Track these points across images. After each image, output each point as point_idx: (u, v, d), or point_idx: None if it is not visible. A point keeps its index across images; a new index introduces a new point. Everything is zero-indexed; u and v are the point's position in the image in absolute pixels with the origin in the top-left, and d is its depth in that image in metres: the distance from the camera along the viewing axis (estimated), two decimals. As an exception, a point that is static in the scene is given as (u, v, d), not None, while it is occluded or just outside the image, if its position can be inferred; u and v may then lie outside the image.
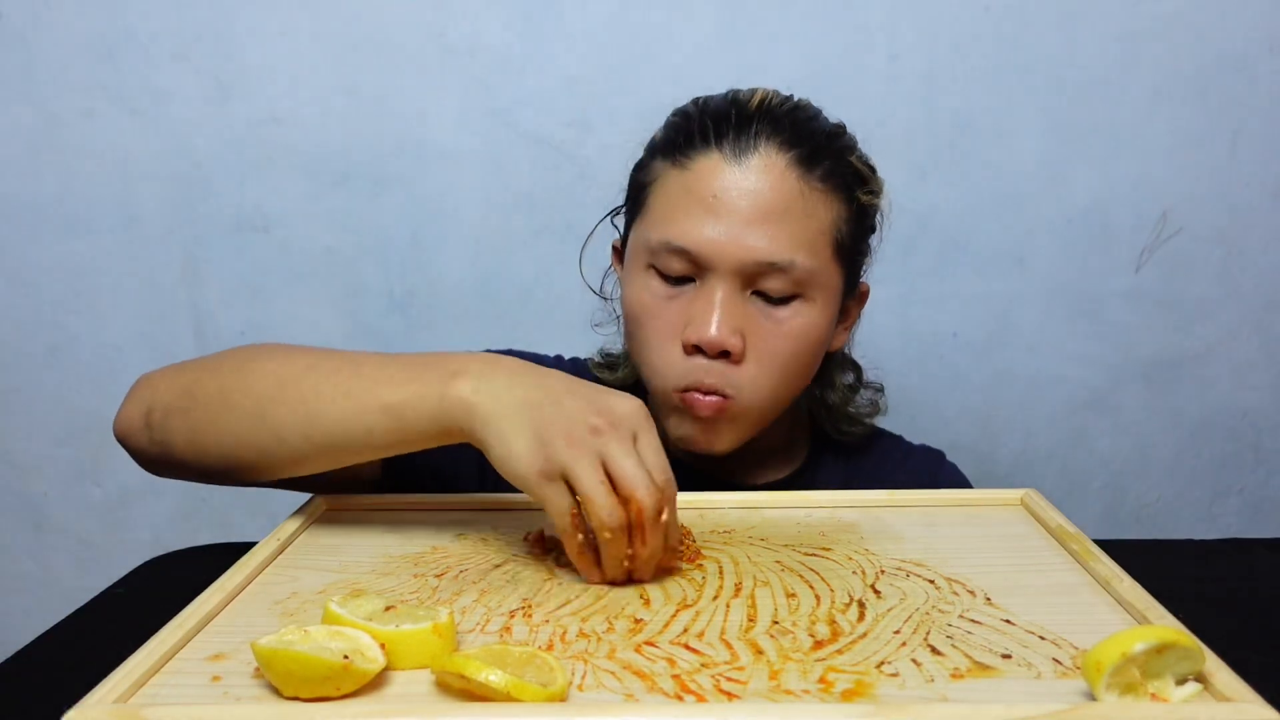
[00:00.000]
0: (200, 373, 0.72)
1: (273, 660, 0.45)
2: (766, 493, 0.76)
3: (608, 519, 0.56)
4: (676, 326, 0.78)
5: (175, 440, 0.71)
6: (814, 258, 0.78)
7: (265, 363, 0.69)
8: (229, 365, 0.71)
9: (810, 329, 0.79)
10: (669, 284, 0.79)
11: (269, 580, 0.60)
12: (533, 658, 0.47)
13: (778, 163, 0.77)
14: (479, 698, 0.44)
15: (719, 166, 0.77)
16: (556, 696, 0.44)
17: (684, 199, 0.78)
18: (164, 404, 0.71)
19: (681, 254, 0.77)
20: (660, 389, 0.80)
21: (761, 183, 0.76)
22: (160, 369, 0.75)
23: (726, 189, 0.76)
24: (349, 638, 0.47)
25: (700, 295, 0.77)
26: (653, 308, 0.79)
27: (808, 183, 0.78)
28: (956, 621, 0.53)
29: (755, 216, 0.75)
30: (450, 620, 0.50)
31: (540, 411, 0.59)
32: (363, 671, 0.45)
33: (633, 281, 0.81)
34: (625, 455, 0.58)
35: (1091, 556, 0.60)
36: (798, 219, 0.77)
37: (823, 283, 0.79)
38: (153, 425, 0.72)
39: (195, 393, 0.70)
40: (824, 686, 0.45)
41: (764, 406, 0.80)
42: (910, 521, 0.69)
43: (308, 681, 0.44)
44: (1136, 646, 0.42)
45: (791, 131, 0.79)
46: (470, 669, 0.44)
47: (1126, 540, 0.71)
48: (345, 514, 0.73)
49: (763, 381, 0.78)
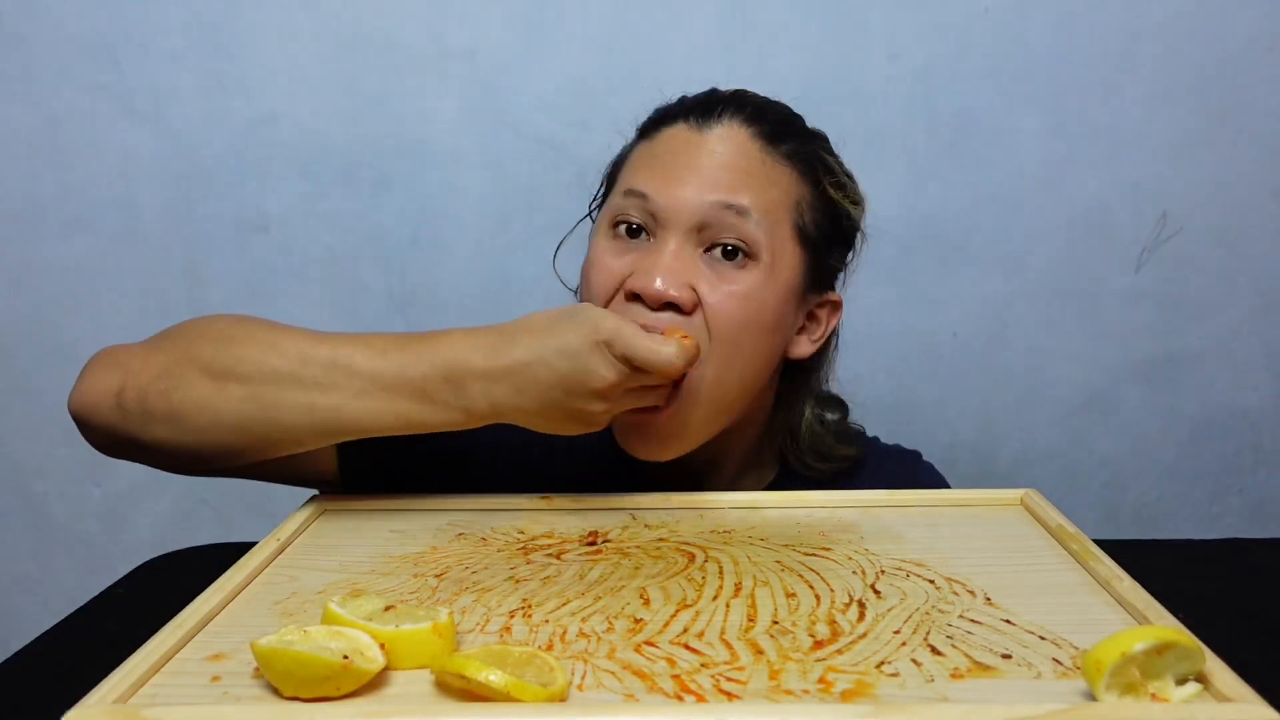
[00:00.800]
0: (177, 350, 0.70)
1: (272, 660, 0.45)
2: (766, 493, 0.76)
3: (677, 358, 0.66)
4: (620, 277, 0.75)
5: (155, 423, 0.68)
6: (770, 219, 0.75)
7: (250, 343, 0.68)
8: (208, 341, 0.69)
9: (759, 295, 0.75)
10: (624, 239, 0.77)
11: (269, 580, 0.60)
12: (533, 658, 0.47)
13: (740, 133, 0.78)
14: (479, 698, 0.44)
15: (683, 133, 0.78)
16: (556, 696, 0.44)
17: (648, 159, 0.79)
18: (139, 384, 0.68)
19: (637, 197, 0.76)
20: None
21: (723, 146, 0.77)
22: (124, 345, 0.72)
23: (688, 149, 0.77)
24: (349, 638, 0.46)
25: (651, 249, 0.75)
26: (601, 259, 0.77)
27: (769, 155, 0.78)
28: (956, 621, 0.53)
29: (713, 174, 0.75)
30: (450, 620, 0.50)
31: (551, 393, 0.66)
32: (362, 671, 0.45)
33: (591, 245, 0.80)
34: (634, 338, 0.65)
35: (1091, 556, 0.60)
36: (757, 181, 0.76)
37: (778, 252, 0.76)
38: (126, 405, 0.68)
39: (175, 373, 0.68)
40: (824, 686, 0.45)
41: (712, 385, 0.74)
42: (910, 521, 0.69)
43: (307, 681, 0.44)
44: (1137, 646, 0.42)
45: (757, 111, 0.79)
46: (470, 669, 0.44)
47: (1126, 540, 0.71)
48: (345, 514, 0.73)
49: (717, 339, 0.73)
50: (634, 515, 0.71)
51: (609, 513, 0.72)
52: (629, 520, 0.70)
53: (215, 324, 0.72)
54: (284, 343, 0.68)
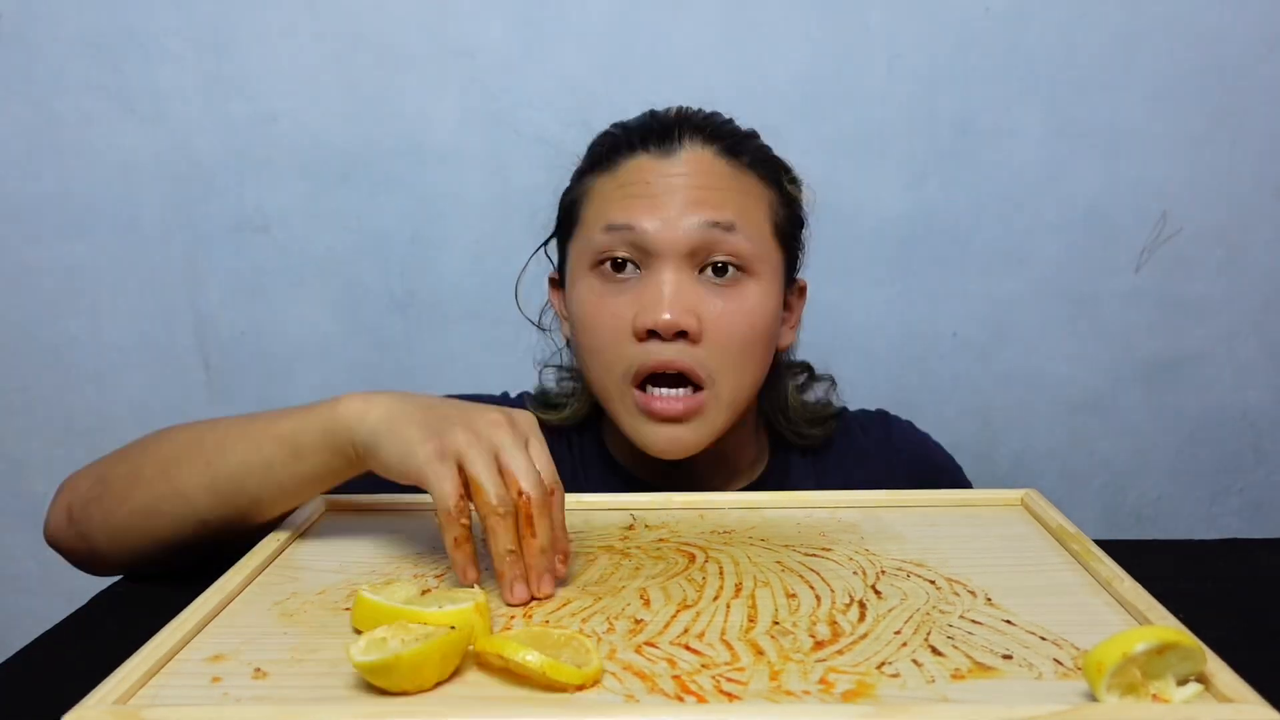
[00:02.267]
0: (113, 460, 0.73)
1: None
2: (766, 493, 0.76)
3: (497, 504, 0.56)
4: (626, 318, 0.76)
5: (94, 529, 0.71)
6: (755, 229, 0.78)
7: (171, 434, 0.71)
8: (139, 447, 0.72)
9: (760, 307, 0.78)
10: (614, 278, 0.77)
11: (269, 581, 0.60)
12: (570, 640, 0.48)
13: (705, 153, 0.79)
14: (517, 677, 0.46)
15: (648, 163, 0.78)
16: (590, 678, 0.45)
17: (619, 193, 0.78)
18: (81, 497, 0.72)
19: (624, 231, 0.76)
20: (616, 384, 0.78)
21: (693, 168, 0.78)
22: (83, 468, 0.75)
23: (660, 178, 0.77)
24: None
25: (648, 282, 0.76)
26: (599, 304, 0.77)
27: (737, 168, 0.79)
28: (957, 622, 0.53)
29: (692, 196, 0.76)
30: (486, 600, 0.52)
31: (438, 410, 0.60)
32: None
33: (577, 288, 0.80)
34: (518, 450, 0.58)
35: (1092, 556, 0.60)
36: (734, 195, 0.78)
37: (766, 259, 0.79)
38: (74, 520, 0.72)
39: (107, 477, 0.71)
40: (824, 687, 0.45)
41: (731, 394, 0.77)
42: (910, 521, 0.69)
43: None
44: (1138, 647, 0.42)
45: (712, 129, 0.81)
46: (509, 649, 0.45)
47: (1126, 540, 0.71)
48: (345, 514, 0.73)
49: (726, 362, 0.76)
50: (634, 516, 0.71)
51: (609, 513, 0.72)
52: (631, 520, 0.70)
53: (158, 432, 0.73)
54: (200, 426, 0.70)
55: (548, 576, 0.57)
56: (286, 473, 0.65)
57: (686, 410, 0.76)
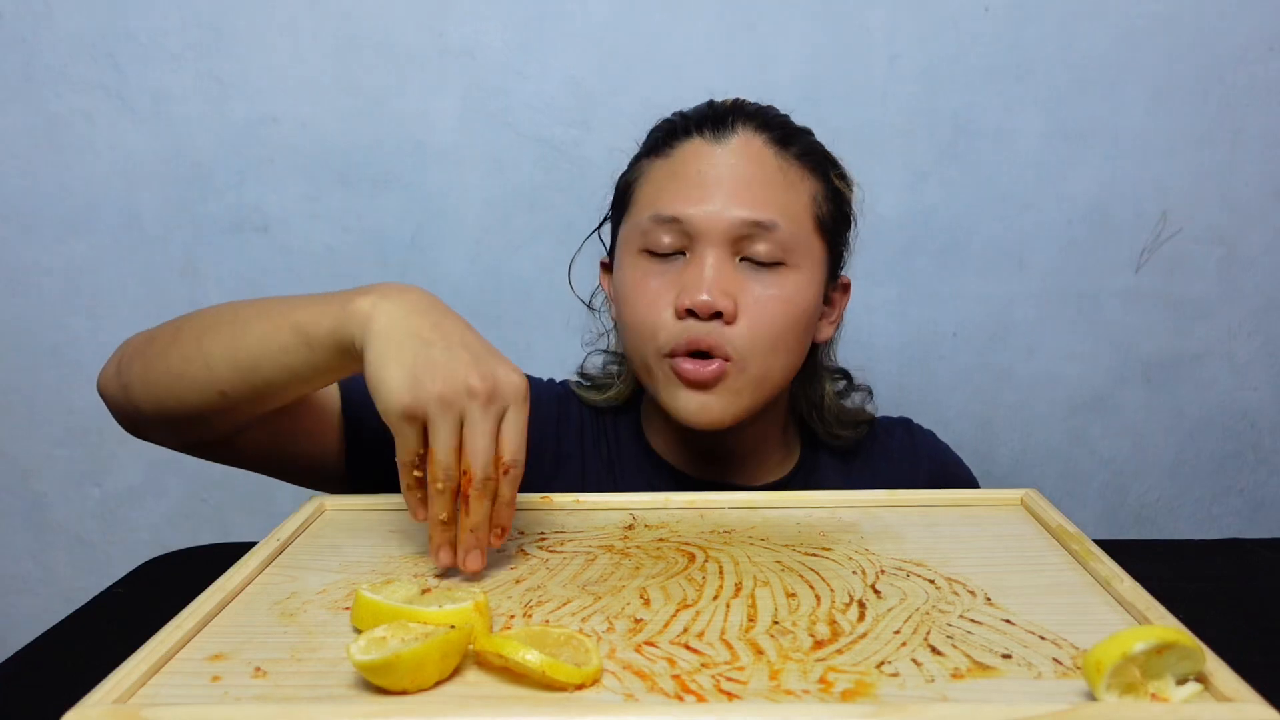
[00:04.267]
0: (167, 324, 0.75)
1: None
2: (766, 493, 0.76)
3: (442, 476, 0.58)
4: (667, 296, 0.79)
5: (134, 382, 0.73)
6: (797, 224, 0.80)
7: (217, 308, 0.73)
8: (190, 315, 0.75)
9: (797, 296, 0.80)
10: (659, 260, 0.81)
11: (268, 581, 0.60)
12: (570, 639, 0.48)
13: (755, 141, 0.81)
14: (517, 676, 0.46)
15: (701, 148, 0.81)
16: (590, 677, 0.45)
17: (670, 180, 0.81)
18: (130, 352, 0.75)
19: (670, 223, 0.79)
20: (653, 356, 0.80)
21: (742, 158, 0.80)
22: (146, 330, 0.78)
23: (712, 164, 0.80)
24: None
25: (691, 264, 0.79)
26: (643, 282, 0.81)
27: (785, 159, 0.82)
28: (957, 621, 0.53)
29: (739, 186, 0.79)
30: (486, 600, 0.52)
31: (428, 351, 0.60)
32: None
33: (623, 267, 0.84)
34: (483, 428, 0.58)
35: (1091, 556, 0.60)
36: (779, 188, 0.80)
37: (807, 251, 0.81)
38: (120, 372, 0.75)
39: (155, 337, 0.74)
40: (824, 686, 0.45)
41: (760, 373, 0.80)
42: (910, 521, 0.69)
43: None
44: (1137, 646, 0.42)
45: (765, 119, 0.83)
46: (508, 648, 0.45)
47: (1126, 540, 0.71)
48: (345, 514, 0.73)
49: (757, 344, 0.79)
50: (634, 515, 0.71)
51: (609, 512, 0.72)
52: (630, 520, 0.70)
53: (210, 307, 0.76)
54: (241, 302, 0.72)
55: (475, 553, 0.59)
56: (298, 359, 0.67)
57: (714, 375, 0.78)
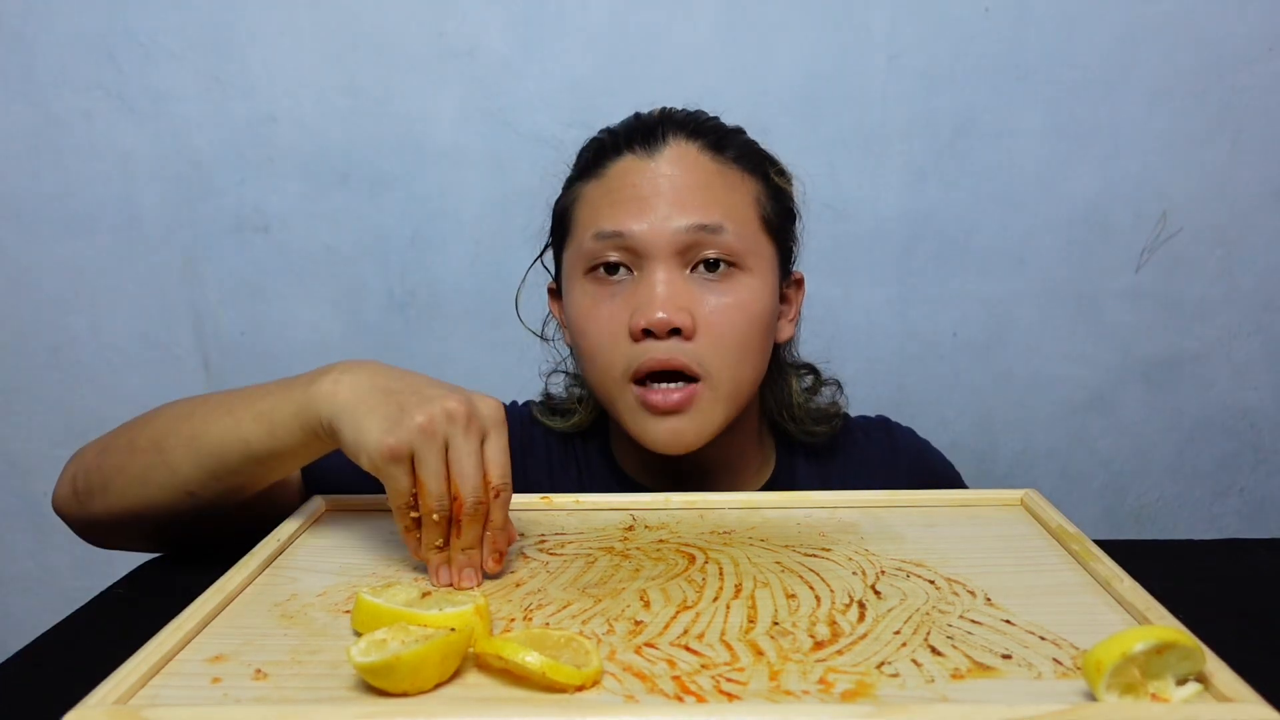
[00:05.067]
0: (117, 432, 0.75)
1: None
2: (766, 493, 0.76)
3: (436, 506, 0.58)
4: (620, 319, 0.77)
5: (93, 499, 0.73)
6: (743, 225, 0.78)
7: (168, 408, 0.73)
8: (141, 419, 0.74)
9: (753, 301, 0.78)
10: (608, 282, 0.78)
11: (268, 582, 0.60)
12: (570, 641, 0.48)
13: (689, 149, 0.79)
14: (517, 678, 0.46)
15: (633, 165, 0.79)
16: (590, 678, 0.45)
17: (606, 198, 0.79)
18: (85, 467, 0.74)
19: (614, 238, 0.77)
20: (616, 385, 0.78)
21: (678, 167, 0.78)
22: (92, 441, 0.77)
23: (647, 178, 0.78)
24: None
25: (641, 283, 0.77)
26: (594, 310, 0.79)
27: (721, 163, 0.80)
28: (957, 622, 0.53)
29: (678, 196, 0.77)
30: (486, 602, 0.52)
31: (400, 396, 0.60)
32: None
33: (572, 294, 0.81)
34: (467, 449, 0.59)
35: (1091, 556, 0.60)
36: (720, 191, 0.78)
37: (757, 252, 0.79)
38: (78, 490, 0.74)
39: (108, 448, 0.73)
40: (824, 687, 0.45)
41: (730, 387, 0.78)
42: (910, 521, 0.69)
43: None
44: (1137, 646, 0.42)
45: (695, 126, 0.81)
46: (508, 650, 0.45)
47: (1126, 540, 0.71)
48: (345, 515, 0.72)
49: (723, 356, 0.77)
50: (634, 516, 0.71)
51: (609, 513, 0.72)
52: (630, 521, 0.70)
53: (162, 406, 0.75)
54: (194, 401, 0.72)
55: (469, 570, 0.60)
56: (264, 449, 0.66)
57: (683, 400, 0.76)
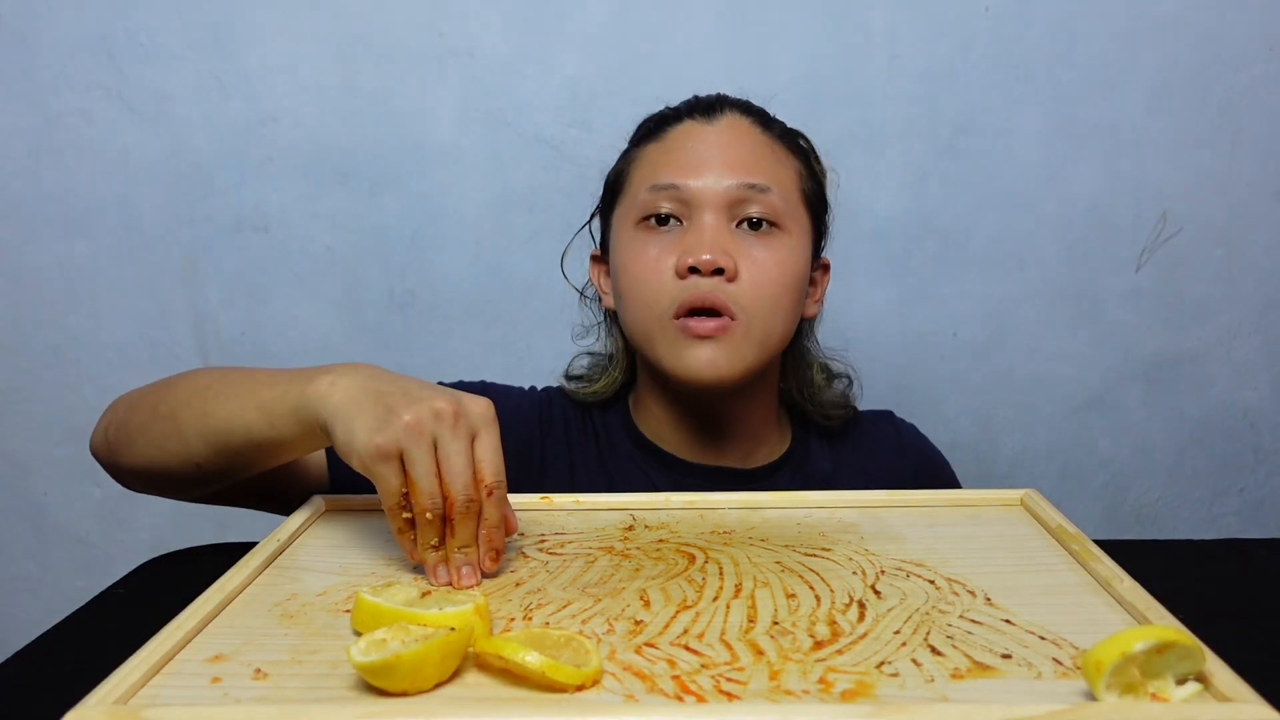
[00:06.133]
0: (148, 390, 0.79)
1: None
2: (766, 493, 0.76)
3: (429, 504, 0.59)
4: (667, 260, 0.82)
5: (120, 451, 0.78)
6: (786, 191, 0.85)
7: (190, 378, 0.77)
8: (169, 381, 0.78)
9: (791, 259, 0.84)
10: (658, 230, 0.84)
11: (269, 581, 0.60)
12: (570, 640, 0.48)
13: (742, 121, 0.87)
14: (517, 678, 0.46)
15: (692, 129, 0.87)
16: (590, 678, 0.45)
17: (664, 156, 0.86)
18: (118, 418, 0.79)
19: (668, 189, 0.83)
20: (657, 321, 0.83)
21: (732, 134, 0.86)
22: (128, 393, 0.82)
23: (704, 141, 0.85)
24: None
25: (690, 229, 0.83)
26: (643, 250, 0.84)
27: (770, 137, 0.88)
28: (957, 622, 0.53)
29: (732, 157, 0.84)
30: (486, 602, 0.52)
31: (389, 398, 0.61)
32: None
33: (620, 243, 0.87)
34: (456, 448, 0.59)
35: (1091, 556, 0.60)
36: (768, 160, 0.86)
37: (796, 219, 0.86)
38: (109, 438, 0.79)
39: (137, 405, 0.78)
40: (824, 687, 0.45)
41: (762, 333, 0.83)
42: (910, 521, 0.69)
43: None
44: (1137, 646, 0.42)
45: (748, 106, 0.90)
46: (508, 650, 0.45)
47: (1126, 540, 0.71)
48: (345, 515, 0.73)
49: (760, 301, 0.82)
50: (634, 516, 0.71)
51: (609, 513, 0.72)
52: (630, 521, 0.70)
53: (193, 371, 0.79)
54: (215, 373, 0.76)
55: (468, 568, 0.60)
56: (263, 438, 0.69)
57: (719, 328, 0.81)
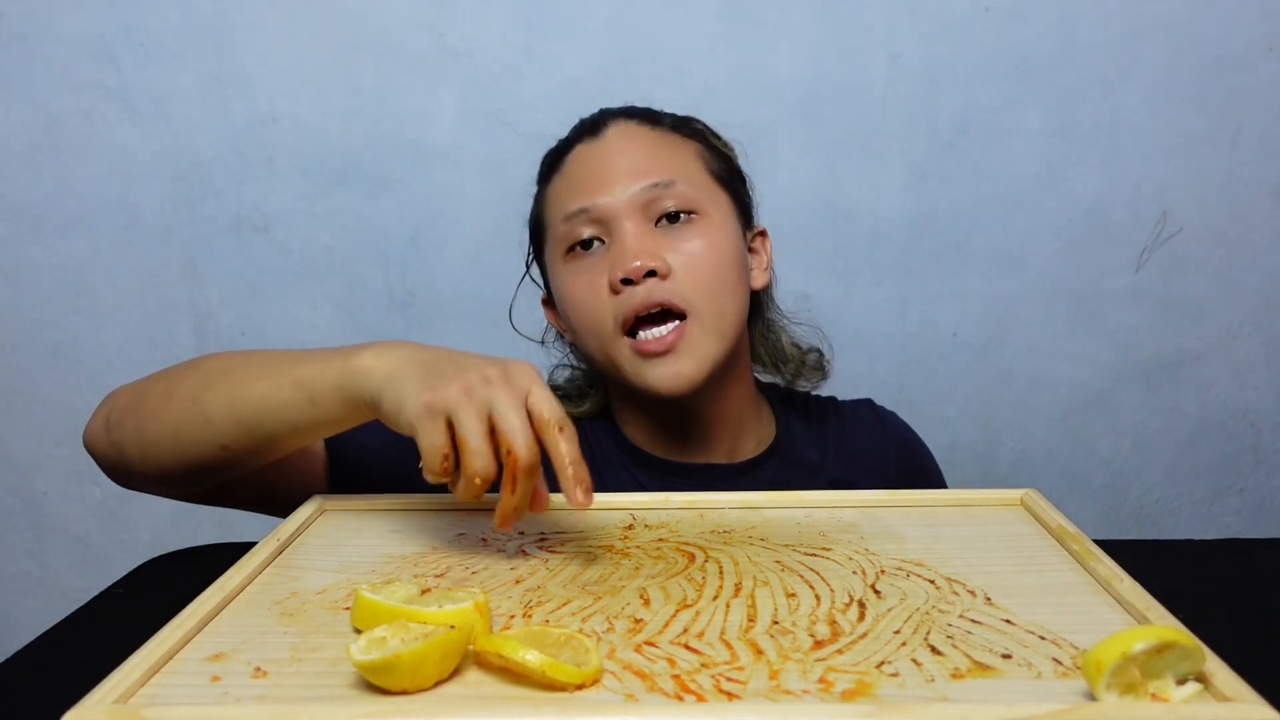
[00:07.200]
0: (154, 378, 0.77)
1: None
2: (766, 493, 0.76)
3: (481, 468, 0.58)
4: (600, 281, 0.83)
5: (127, 440, 0.74)
6: (693, 176, 0.86)
7: (208, 361, 0.75)
8: (179, 368, 0.76)
9: (718, 239, 0.84)
10: (585, 256, 0.84)
11: (269, 581, 0.60)
12: (570, 639, 0.48)
13: (629, 126, 0.88)
14: (517, 676, 0.46)
15: (584, 150, 0.87)
16: (590, 677, 0.45)
17: (568, 186, 0.87)
18: (120, 407, 0.76)
19: (579, 214, 0.84)
20: (610, 341, 0.83)
21: (622, 142, 0.86)
22: (128, 382, 0.79)
23: (597, 158, 0.86)
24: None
25: (613, 244, 0.83)
26: (576, 280, 0.85)
27: (659, 132, 0.88)
28: (957, 621, 0.53)
29: (628, 164, 0.84)
30: (486, 599, 0.52)
31: (438, 366, 0.61)
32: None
33: (558, 282, 0.87)
34: (512, 408, 0.59)
35: (1091, 556, 0.60)
36: (665, 155, 0.86)
37: (712, 199, 0.86)
38: (110, 429, 0.75)
39: (145, 392, 0.75)
40: (824, 686, 0.45)
41: (714, 318, 0.82)
42: (910, 521, 0.69)
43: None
44: (1137, 646, 0.42)
45: (630, 110, 0.90)
46: (508, 648, 0.45)
47: (1126, 540, 0.71)
48: (345, 514, 0.72)
49: (701, 289, 0.82)
50: (634, 515, 0.71)
51: (609, 512, 0.72)
52: (630, 520, 0.70)
53: (201, 356, 0.77)
54: (235, 356, 0.74)
55: (510, 516, 0.60)
56: (301, 416, 0.68)
57: (674, 339, 0.81)
